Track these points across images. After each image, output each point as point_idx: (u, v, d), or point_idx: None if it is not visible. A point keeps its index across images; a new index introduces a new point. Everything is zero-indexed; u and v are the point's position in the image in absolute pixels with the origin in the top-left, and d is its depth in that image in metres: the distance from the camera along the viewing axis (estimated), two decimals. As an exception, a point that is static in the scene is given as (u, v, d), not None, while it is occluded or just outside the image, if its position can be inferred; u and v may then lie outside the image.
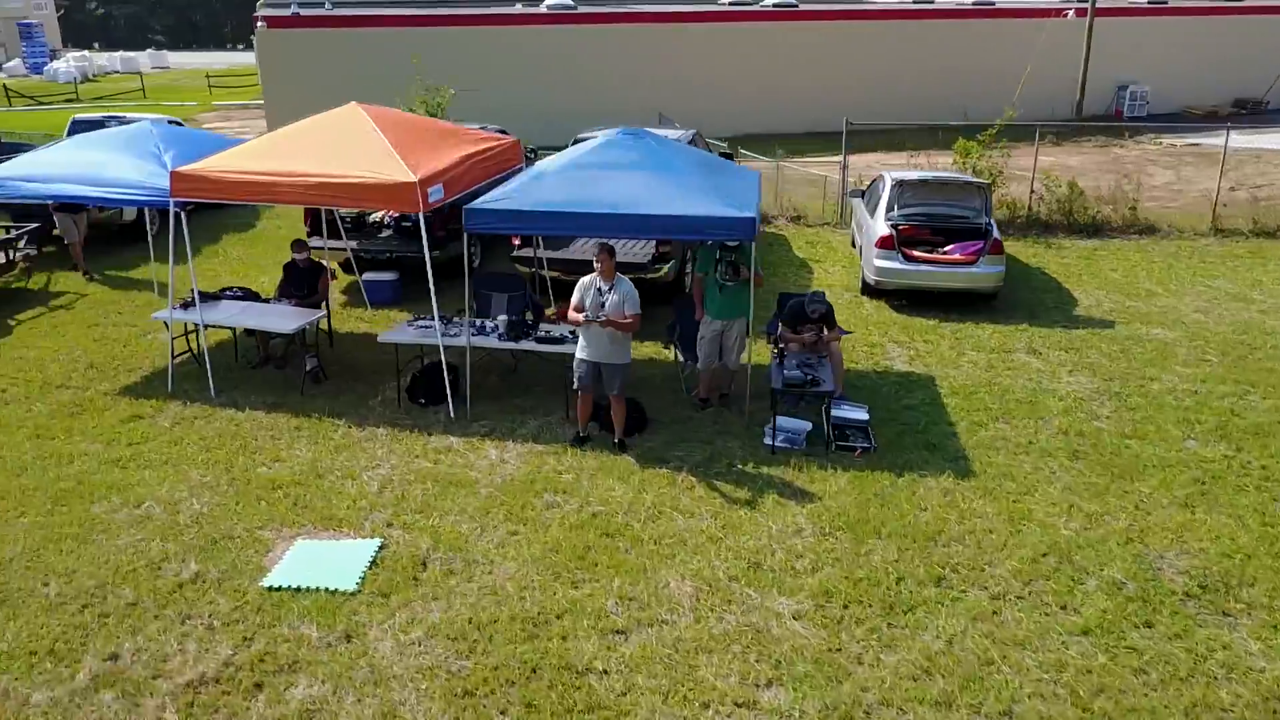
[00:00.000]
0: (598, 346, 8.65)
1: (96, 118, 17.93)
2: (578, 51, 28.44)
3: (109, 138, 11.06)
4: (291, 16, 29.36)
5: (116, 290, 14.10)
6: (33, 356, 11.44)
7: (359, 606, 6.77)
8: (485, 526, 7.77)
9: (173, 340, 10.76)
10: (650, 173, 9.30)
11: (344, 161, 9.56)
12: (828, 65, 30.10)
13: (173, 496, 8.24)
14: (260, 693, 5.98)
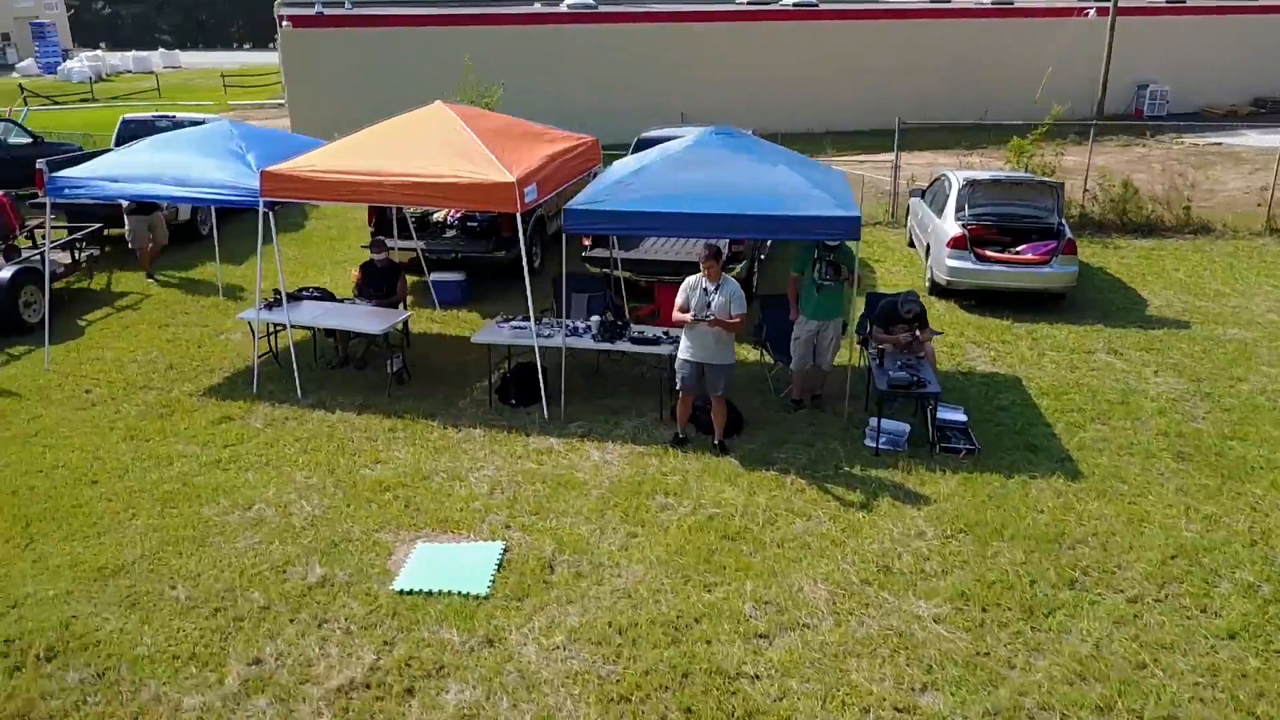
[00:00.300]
0: (702, 347, 8.59)
1: (147, 117, 17.86)
2: (598, 50, 28.39)
3: (189, 138, 10.99)
4: (316, 16, 29.32)
5: (179, 291, 14.03)
6: (110, 357, 11.36)
7: (494, 610, 6.70)
8: (603, 529, 7.70)
9: (256, 341, 10.68)
10: (749, 172, 9.24)
11: (438, 161, 9.50)
12: (847, 64, 30.06)
13: (281, 499, 8.16)
14: (412, 698, 5.91)
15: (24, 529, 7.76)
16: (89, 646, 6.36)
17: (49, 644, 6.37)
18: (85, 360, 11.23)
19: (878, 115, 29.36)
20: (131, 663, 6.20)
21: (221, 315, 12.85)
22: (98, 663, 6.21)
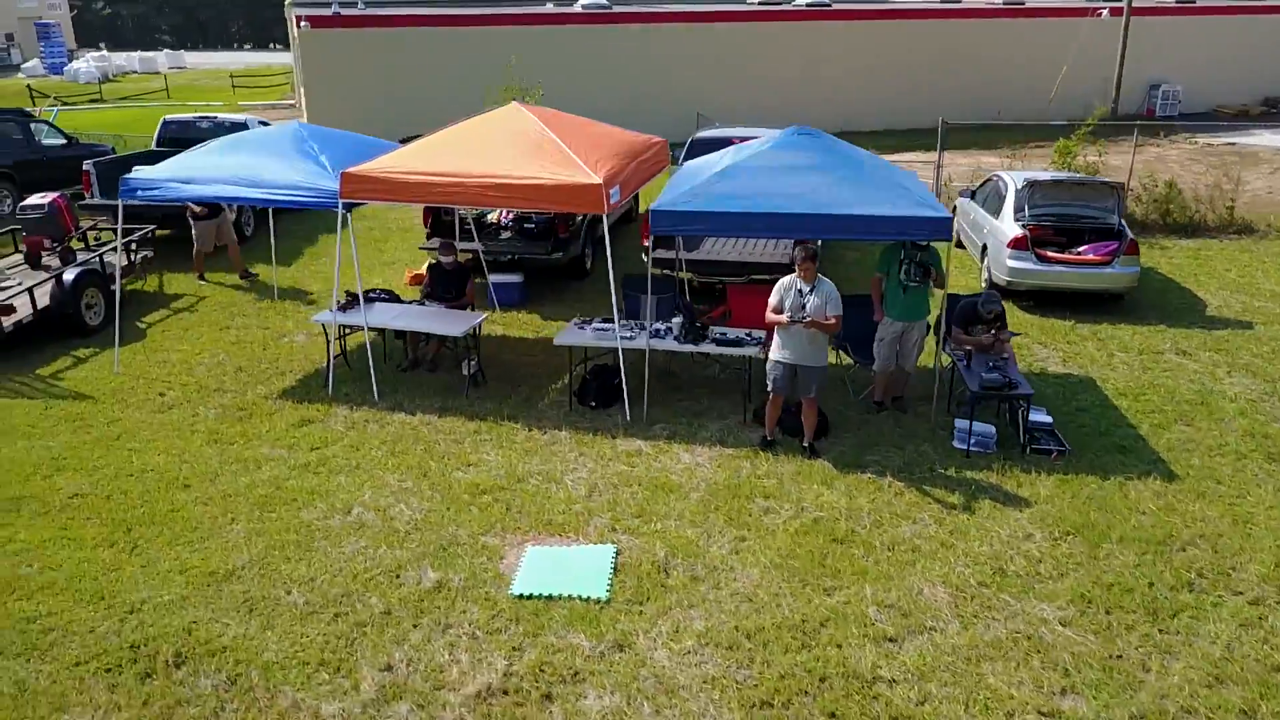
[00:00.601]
0: (796, 349, 8.56)
1: (189, 118, 17.78)
2: (612, 51, 28.35)
3: (259, 140, 10.94)
4: (333, 16, 29.31)
5: (232, 292, 13.96)
6: (177, 360, 11.30)
7: (617, 615, 6.66)
8: (710, 532, 7.66)
9: (330, 343, 10.65)
10: (834, 172, 9.22)
11: (522, 163, 9.46)
12: (861, 64, 30.11)
13: (379, 503, 8.12)
14: (552, 704, 5.87)
15: (126, 533, 7.69)
16: (215, 652, 6.30)
17: (176, 650, 6.30)
18: (153, 363, 11.16)
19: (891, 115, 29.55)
20: (262, 669, 6.15)
21: (280, 317, 12.78)
22: (228, 669, 6.15)
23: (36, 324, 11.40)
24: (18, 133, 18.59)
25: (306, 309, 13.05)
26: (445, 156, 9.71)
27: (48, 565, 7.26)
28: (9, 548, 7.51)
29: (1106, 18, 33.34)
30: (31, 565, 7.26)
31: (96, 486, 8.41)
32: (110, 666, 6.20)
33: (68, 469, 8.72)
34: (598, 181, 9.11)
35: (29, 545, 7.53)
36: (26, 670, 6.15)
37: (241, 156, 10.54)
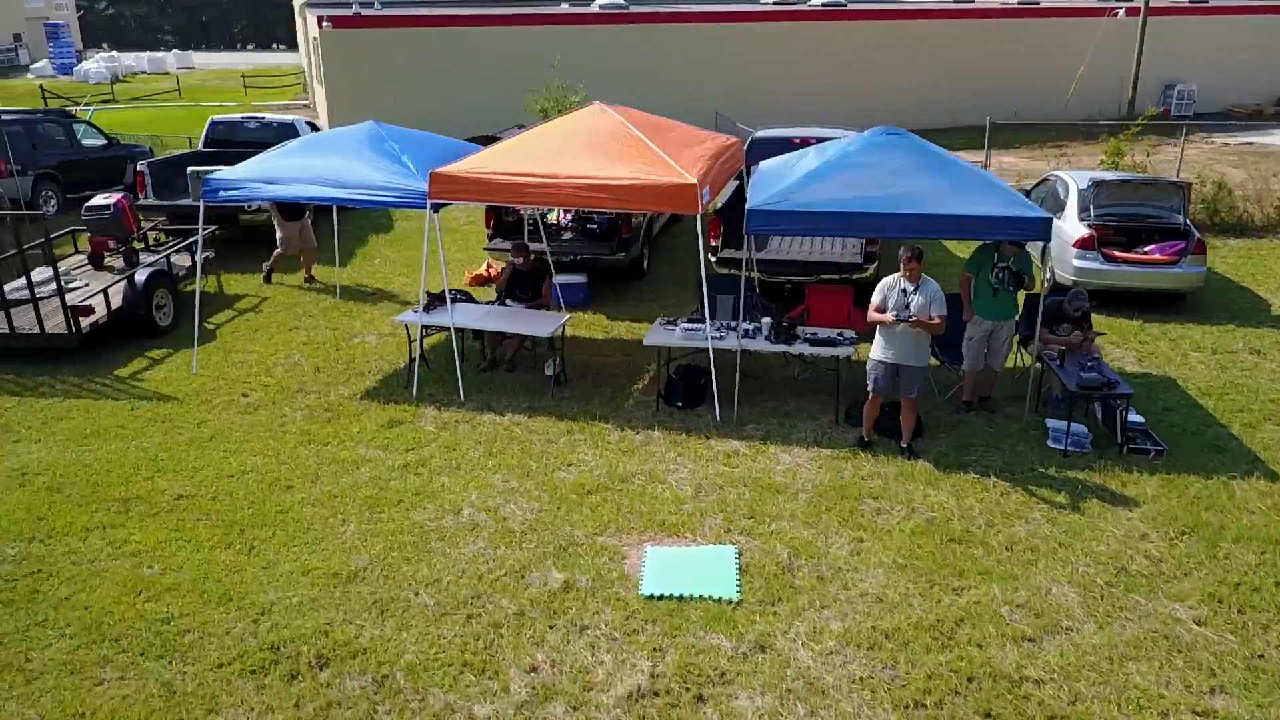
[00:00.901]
0: (900, 348, 8.56)
1: (237, 118, 17.72)
2: (630, 51, 28.39)
3: (338, 140, 10.91)
4: (354, 16, 29.36)
5: (294, 293, 13.92)
6: (253, 360, 11.28)
7: (752, 615, 6.66)
8: (825, 533, 7.66)
9: (412, 344, 10.64)
10: (927, 172, 9.22)
11: (613, 164, 9.45)
12: (875, 65, 30.15)
13: (487, 503, 8.11)
14: (705, 704, 5.87)
15: (240, 534, 7.68)
16: (356, 654, 6.29)
17: (317, 652, 6.29)
18: (229, 364, 11.14)
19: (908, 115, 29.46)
20: (406, 671, 6.13)
21: (346, 318, 12.76)
22: (371, 670, 6.14)
23: (109, 325, 11.35)
24: (61, 134, 18.54)
25: (371, 310, 13.05)
26: (535, 157, 9.70)
27: (168, 566, 7.23)
28: (125, 549, 7.48)
29: (1122, 18, 33.43)
30: (152, 566, 7.23)
31: (200, 488, 8.38)
32: (254, 668, 6.17)
33: (167, 470, 8.69)
34: (693, 182, 9.11)
35: (146, 546, 7.50)
36: (171, 672, 6.12)
37: (322, 157, 10.52)
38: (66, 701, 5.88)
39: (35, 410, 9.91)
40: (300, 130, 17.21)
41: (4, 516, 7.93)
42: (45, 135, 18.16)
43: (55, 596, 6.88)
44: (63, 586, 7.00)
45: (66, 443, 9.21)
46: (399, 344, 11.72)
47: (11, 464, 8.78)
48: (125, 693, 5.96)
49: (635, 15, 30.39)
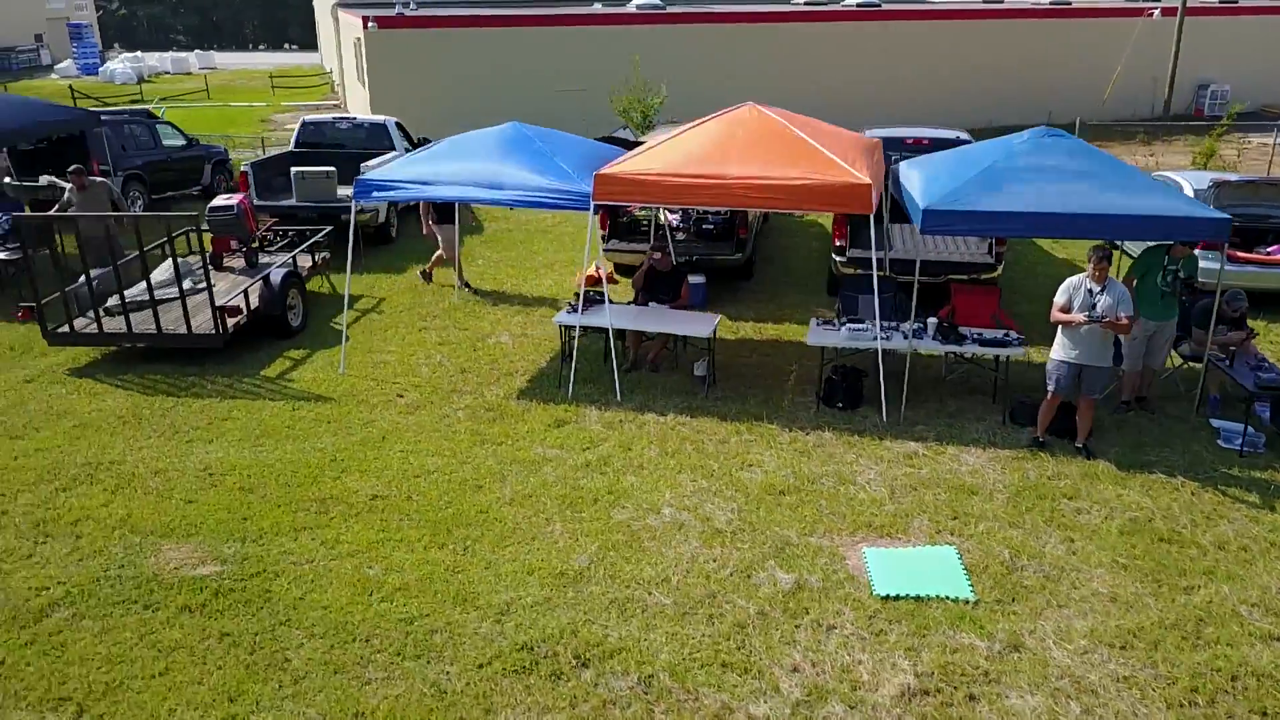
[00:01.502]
0: (1086, 349, 8.58)
1: (327, 118, 17.71)
2: (666, 51, 28.48)
3: (486, 141, 10.89)
4: (397, 16, 29.50)
5: (410, 294, 13.92)
6: (394, 360, 11.29)
7: (994, 615, 6.68)
8: (1034, 533, 7.70)
9: (565, 344, 10.66)
10: (1099, 173, 9.27)
11: (781, 164, 9.48)
12: (910, 64, 30.23)
13: (684, 502, 8.14)
14: (978, 703, 5.89)
15: (447, 534, 7.69)
16: (612, 654, 6.31)
17: (573, 652, 6.30)
18: (372, 364, 11.15)
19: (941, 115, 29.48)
20: (669, 671, 6.14)
21: (469, 318, 12.79)
22: (634, 670, 6.15)
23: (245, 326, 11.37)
24: (145, 134, 18.53)
25: (493, 310, 13.11)
26: (697, 159, 9.71)
27: (390, 567, 7.24)
28: (339, 549, 7.49)
29: (1158, 18, 33.57)
30: (373, 567, 7.24)
31: (391, 488, 8.39)
32: (516, 668, 6.19)
33: (352, 470, 8.70)
34: (867, 182, 9.14)
35: (359, 547, 7.52)
36: (434, 672, 6.14)
37: (472, 159, 10.52)
38: (341, 701, 5.89)
39: (196, 410, 9.91)
40: (391, 131, 17.21)
41: (208, 517, 7.93)
42: (131, 136, 18.14)
43: (289, 597, 6.89)
44: (293, 587, 7.01)
45: (240, 443, 9.21)
46: (534, 344, 11.74)
47: (195, 464, 8.79)
48: (396, 692, 5.97)
49: (672, 15, 30.47)
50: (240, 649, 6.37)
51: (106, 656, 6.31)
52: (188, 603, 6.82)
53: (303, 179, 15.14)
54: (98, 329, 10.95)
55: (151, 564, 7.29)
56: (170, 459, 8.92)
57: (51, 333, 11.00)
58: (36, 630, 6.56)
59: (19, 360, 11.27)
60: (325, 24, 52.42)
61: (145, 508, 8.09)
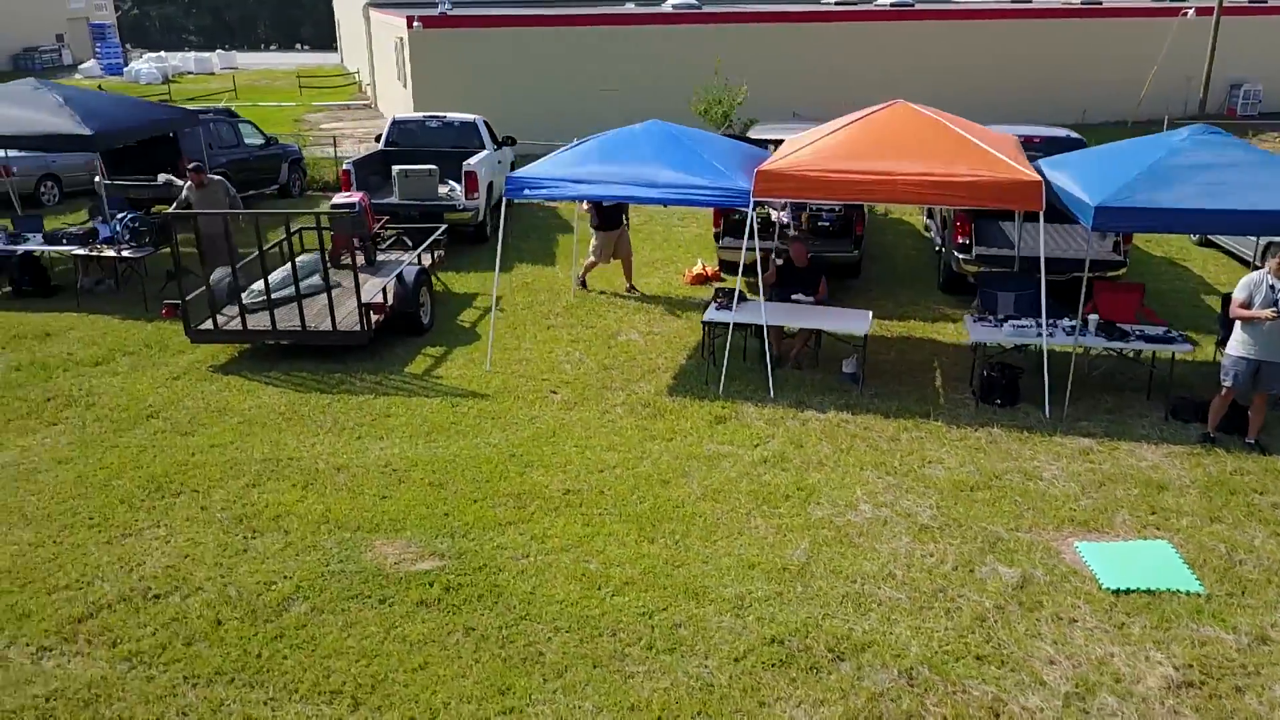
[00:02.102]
0: (1267, 345, 8.61)
1: (418, 117, 17.73)
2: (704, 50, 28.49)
3: (635, 139, 10.91)
4: (441, 16, 29.66)
5: (523, 291, 13.94)
6: (534, 357, 11.33)
7: (1231, 608, 6.73)
8: (1238, 527, 7.75)
9: (711, 340, 10.68)
10: (1266, 168, 9.27)
11: (943, 160, 9.51)
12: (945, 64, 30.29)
13: (879, 498, 8.18)
14: (1244, 694, 5.91)
15: (653, 528, 7.73)
16: (863, 647, 6.36)
17: (826, 645, 6.32)
18: (513, 361, 11.18)
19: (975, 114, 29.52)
20: (925, 663, 6.16)
21: (593, 315, 12.81)
22: (891, 663, 6.17)
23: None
24: (230, 133, 18.53)
25: (618, 307, 13.13)
26: (859, 155, 9.76)
27: (608, 561, 7.28)
28: (549, 543, 7.52)
29: (1192, 18, 33.69)
30: (589, 561, 7.26)
31: (578, 482, 8.42)
32: (774, 662, 6.22)
33: (534, 465, 8.72)
34: (1038, 179, 9.17)
35: (570, 541, 7.54)
36: (692, 665, 6.16)
37: (624, 156, 10.54)
38: (611, 694, 5.92)
39: (354, 407, 9.93)
40: (481, 130, 17.23)
41: (408, 512, 7.96)
42: (217, 134, 18.15)
43: (519, 591, 6.91)
44: (519, 581, 7.03)
45: (411, 439, 9.23)
46: (665, 341, 11.79)
47: (374, 460, 8.81)
48: (662, 685, 5.99)
49: (707, 15, 30.60)
50: (489, 643, 6.38)
51: (360, 651, 6.31)
52: (422, 597, 6.84)
53: (405, 177, 15.16)
54: (242, 326, 10.93)
55: (370, 559, 7.30)
56: (347, 455, 8.93)
57: (194, 330, 10.98)
58: (280, 624, 6.57)
59: (158, 358, 11.28)
60: (350, 24, 52.45)
61: (341, 503, 8.10)
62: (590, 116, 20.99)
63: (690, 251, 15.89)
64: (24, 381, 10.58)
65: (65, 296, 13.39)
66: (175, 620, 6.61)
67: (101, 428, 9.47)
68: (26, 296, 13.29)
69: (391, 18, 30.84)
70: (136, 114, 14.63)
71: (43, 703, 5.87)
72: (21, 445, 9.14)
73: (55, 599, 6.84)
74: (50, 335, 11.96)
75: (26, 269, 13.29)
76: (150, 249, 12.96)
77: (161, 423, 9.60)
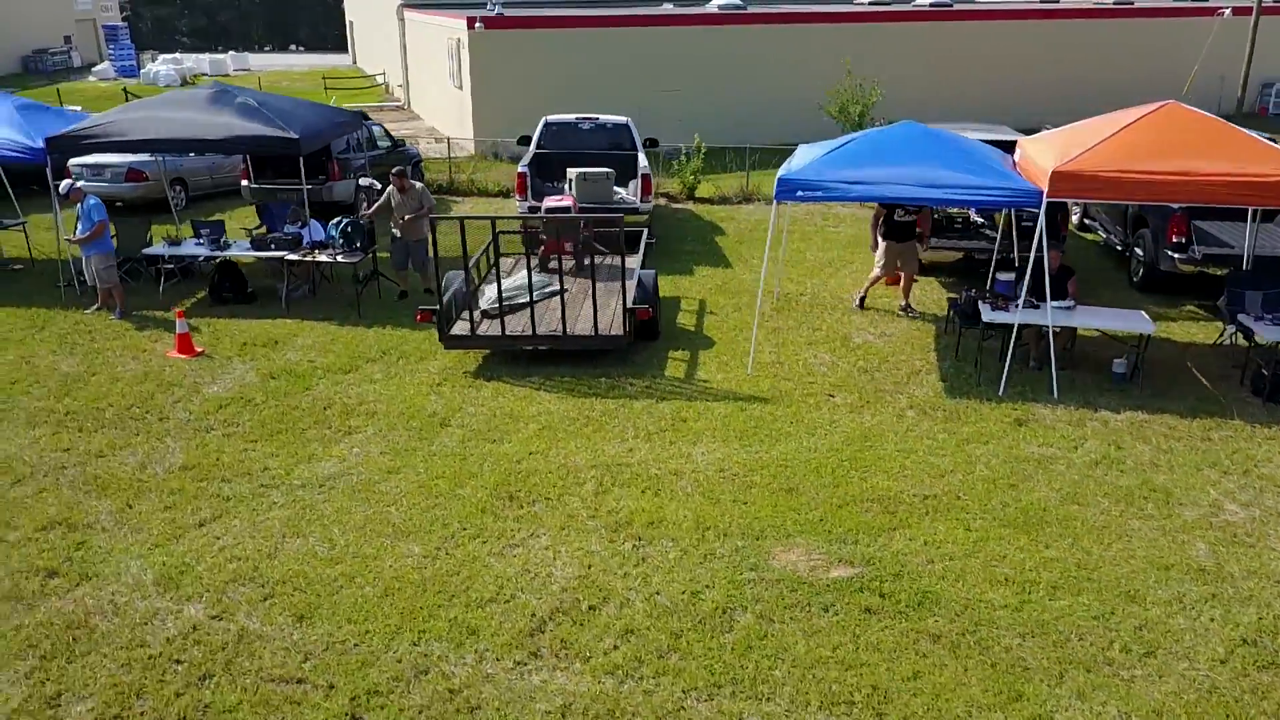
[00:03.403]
0: None
1: (570, 119, 17.55)
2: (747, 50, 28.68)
3: (884, 140, 10.89)
4: (499, 17, 29.69)
5: (719, 293, 13.87)
6: (783, 360, 11.32)
7: None
8: None
9: (981, 341, 10.71)
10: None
11: (1240, 160, 9.57)
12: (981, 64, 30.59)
13: (1238, 497, 8.25)
14: None
15: (1037, 531, 7.73)
16: (1337, 648, 6.30)
17: None
18: (773, 362, 11.09)
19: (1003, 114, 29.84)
20: None
21: (810, 317, 12.75)
22: (1378, 663, 6.16)
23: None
24: (366, 136, 18.32)
25: (820, 310, 13.07)
26: (1151, 155, 9.80)
27: (1016, 566, 7.25)
28: (945, 549, 7.51)
29: (1229, 17, 34.19)
30: (997, 564, 7.24)
31: (926, 487, 8.45)
32: (1261, 663, 6.19)
33: (872, 469, 8.76)
34: (1345, 178, 9.22)
35: (965, 548, 7.56)
36: (1182, 668, 6.13)
37: (897, 157, 10.54)
38: (1126, 698, 5.87)
39: (639, 411, 9.90)
40: (632, 131, 17.12)
41: (781, 518, 7.93)
42: (356, 137, 17.93)
43: (955, 596, 6.91)
44: (947, 587, 7.02)
45: (725, 443, 9.19)
46: (903, 342, 11.84)
47: (705, 464, 8.80)
48: (1168, 689, 5.96)
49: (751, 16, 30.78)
50: (963, 649, 6.33)
51: (840, 660, 6.26)
52: (866, 604, 6.75)
53: (584, 180, 15.03)
54: (500, 330, 10.79)
55: (779, 566, 7.23)
56: (675, 460, 8.86)
57: (448, 336, 10.83)
58: (739, 634, 6.53)
59: (405, 365, 11.13)
60: (366, 26, 52.13)
61: (704, 509, 8.03)
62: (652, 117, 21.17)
63: (851, 253, 15.87)
64: (288, 390, 10.38)
65: (264, 303, 13.16)
66: (630, 632, 6.50)
67: (402, 436, 9.32)
68: (226, 303, 13.02)
69: (444, 19, 30.72)
70: (323, 117, 14.40)
71: (559, 718, 5.74)
72: (334, 455, 8.96)
73: (489, 613, 6.70)
74: (278, 343, 11.75)
75: (227, 275, 13.02)
76: (360, 254, 12.74)
77: (460, 430, 9.46)
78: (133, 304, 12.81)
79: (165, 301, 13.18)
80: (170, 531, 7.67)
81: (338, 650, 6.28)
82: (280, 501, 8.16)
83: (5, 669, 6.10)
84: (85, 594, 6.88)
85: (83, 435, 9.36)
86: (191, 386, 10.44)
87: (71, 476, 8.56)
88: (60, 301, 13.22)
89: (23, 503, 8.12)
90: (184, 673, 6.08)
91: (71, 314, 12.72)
